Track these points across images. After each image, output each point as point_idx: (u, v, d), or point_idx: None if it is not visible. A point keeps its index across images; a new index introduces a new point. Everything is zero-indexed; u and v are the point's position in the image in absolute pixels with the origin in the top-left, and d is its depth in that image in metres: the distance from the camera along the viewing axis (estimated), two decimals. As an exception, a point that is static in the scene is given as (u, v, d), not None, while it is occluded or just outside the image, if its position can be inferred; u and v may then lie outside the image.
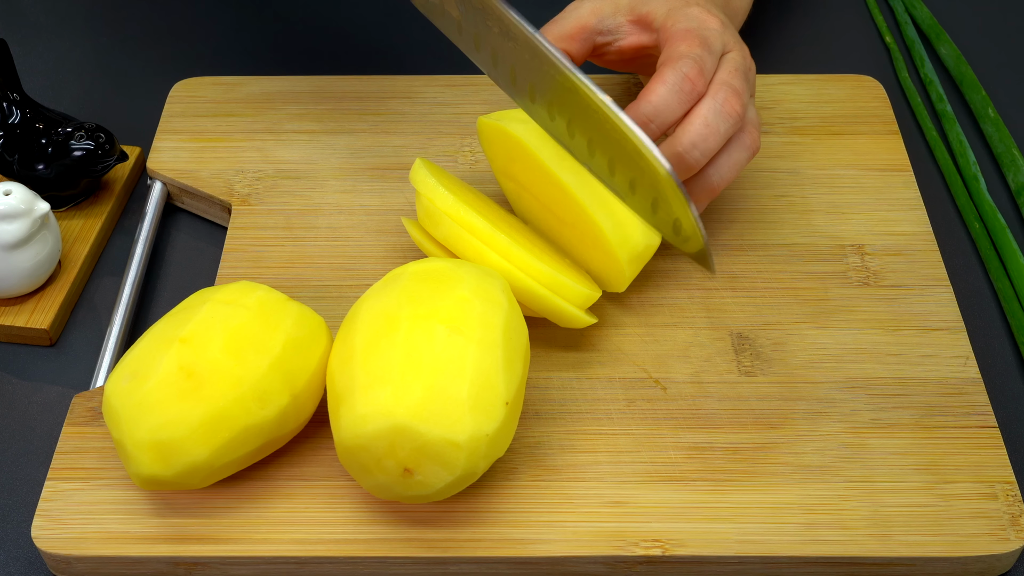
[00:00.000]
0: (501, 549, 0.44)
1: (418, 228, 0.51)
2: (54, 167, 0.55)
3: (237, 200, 0.57)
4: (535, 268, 0.47)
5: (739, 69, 0.50)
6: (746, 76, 0.50)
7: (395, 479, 0.42)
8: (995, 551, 0.44)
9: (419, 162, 0.50)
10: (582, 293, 0.48)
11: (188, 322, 0.43)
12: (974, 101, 0.64)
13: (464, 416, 0.41)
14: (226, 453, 0.43)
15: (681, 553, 0.44)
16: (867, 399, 0.49)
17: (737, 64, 0.50)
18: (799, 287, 0.53)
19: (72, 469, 0.46)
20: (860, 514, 0.45)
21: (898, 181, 0.58)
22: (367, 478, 0.42)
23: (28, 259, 0.52)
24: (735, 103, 0.48)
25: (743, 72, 0.50)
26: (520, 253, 0.47)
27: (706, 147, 0.48)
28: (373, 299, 0.44)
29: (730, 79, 0.49)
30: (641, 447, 0.47)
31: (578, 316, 0.48)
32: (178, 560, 0.44)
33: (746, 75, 0.50)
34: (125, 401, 0.42)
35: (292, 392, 0.43)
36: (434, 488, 0.42)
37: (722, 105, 0.48)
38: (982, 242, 0.57)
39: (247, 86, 0.62)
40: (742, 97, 0.49)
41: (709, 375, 0.49)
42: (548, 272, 0.47)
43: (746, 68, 0.51)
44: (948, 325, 0.51)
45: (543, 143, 0.50)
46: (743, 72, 0.50)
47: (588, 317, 0.49)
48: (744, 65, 0.50)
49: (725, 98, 0.48)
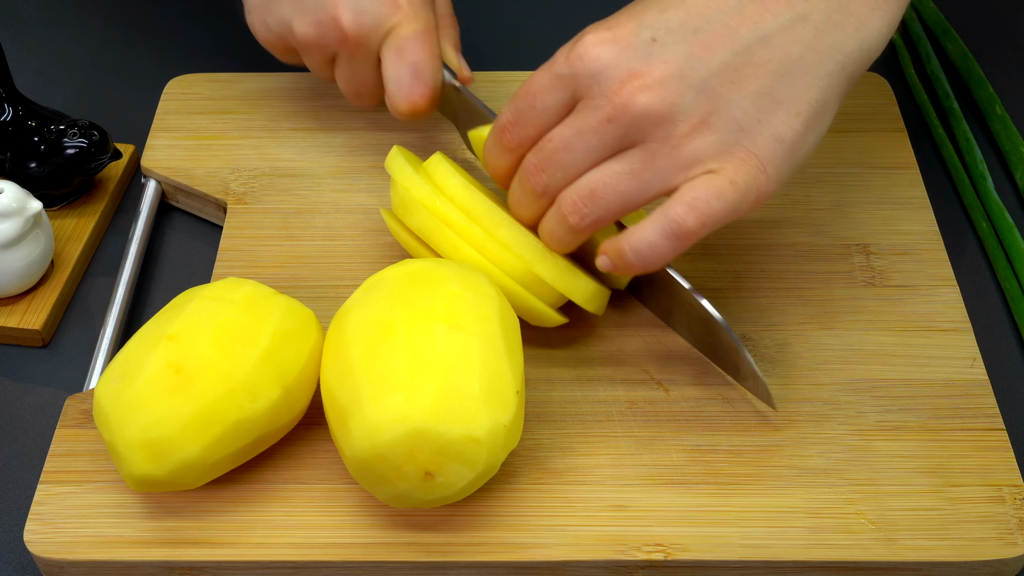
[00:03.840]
0: (501, 553, 0.44)
1: (394, 217, 0.50)
2: (47, 165, 0.55)
3: (232, 199, 0.56)
4: (508, 262, 0.46)
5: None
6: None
7: (416, 485, 0.41)
8: (1003, 555, 0.44)
9: (395, 149, 0.50)
10: (554, 292, 0.47)
11: (175, 320, 0.43)
12: (981, 98, 0.64)
13: (480, 410, 0.41)
14: (218, 449, 0.42)
15: (684, 557, 0.43)
16: (872, 401, 0.48)
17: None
18: (803, 287, 0.52)
19: (65, 472, 0.46)
20: (865, 518, 0.44)
21: (904, 179, 0.57)
22: (386, 488, 0.42)
23: (20, 259, 0.51)
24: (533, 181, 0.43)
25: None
26: (494, 247, 0.46)
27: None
28: (359, 308, 0.44)
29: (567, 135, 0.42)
30: (643, 450, 0.46)
31: (548, 313, 0.48)
32: (173, 565, 0.44)
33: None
34: (114, 402, 0.42)
35: (283, 385, 0.43)
36: (456, 488, 0.42)
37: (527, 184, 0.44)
38: (989, 241, 0.57)
39: (243, 83, 0.62)
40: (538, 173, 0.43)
41: (712, 376, 0.49)
42: (521, 267, 0.46)
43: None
44: (955, 326, 0.51)
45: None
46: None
47: (558, 316, 0.48)
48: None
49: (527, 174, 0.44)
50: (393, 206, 0.50)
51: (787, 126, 0.41)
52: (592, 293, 0.47)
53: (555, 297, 0.48)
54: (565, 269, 0.47)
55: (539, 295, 0.47)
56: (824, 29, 0.41)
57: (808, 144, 0.42)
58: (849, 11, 0.41)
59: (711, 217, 0.41)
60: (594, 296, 0.48)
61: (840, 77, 0.42)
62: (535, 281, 0.47)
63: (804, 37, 0.41)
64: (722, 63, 0.40)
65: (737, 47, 0.41)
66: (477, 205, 0.47)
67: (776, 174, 0.41)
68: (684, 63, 0.40)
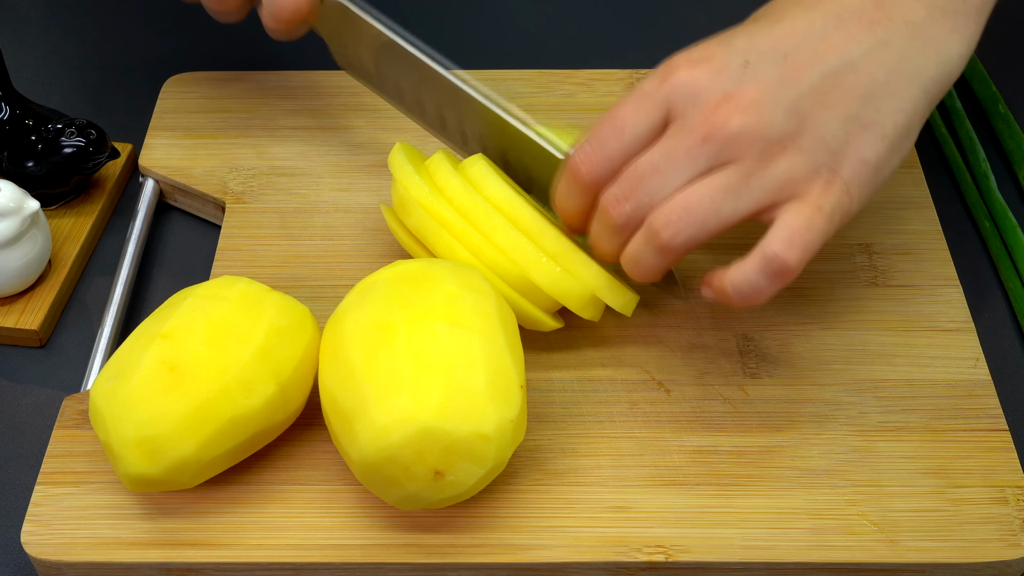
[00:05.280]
0: (501, 555, 0.43)
1: (394, 215, 0.50)
2: (44, 164, 0.55)
3: (231, 198, 0.56)
4: (503, 267, 0.46)
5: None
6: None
7: (426, 485, 0.41)
8: (1006, 557, 0.43)
9: (399, 146, 0.50)
10: (549, 298, 0.47)
11: (169, 318, 0.43)
12: (984, 97, 0.64)
13: (487, 407, 0.41)
14: (214, 446, 0.42)
15: (685, 559, 0.43)
16: (875, 401, 0.48)
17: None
18: (805, 287, 0.52)
19: (62, 473, 0.46)
20: (868, 519, 0.44)
21: (907, 179, 0.57)
22: (395, 491, 0.42)
23: (17, 258, 0.51)
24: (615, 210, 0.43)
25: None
26: (489, 251, 0.46)
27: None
28: (355, 311, 0.43)
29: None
30: (644, 451, 0.46)
31: (542, 318, 0.48)
32: (171, 566, 0.43)
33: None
34: (109, 401, 0.42)
35: (279, 381, 0.43)
36: (466, 486, 0.42)
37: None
38: (992, 241, 0.57)
39: (241, 82, 0.62)
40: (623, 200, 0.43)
41: (713, 377, 0.49)
42: (516, 272, 0.46)
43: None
44: (958, 326, 0.51)
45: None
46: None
47: (552, 321, 0.48)
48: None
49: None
50: (393, 205, 0.50)
51: (873, 149, 0.42)
52: (587, 300, 0.47)
53: (550, 303, 0.48)
54: (560, 275, 0.46)
55: (534, 300, 0.47)
56: (906, 54, 0.42)
57: (891, 167, 0.43)
58: (929, 36, 0.43)
59: (808, 250, 0.42)
60: (589, 303, 0.47)
61: (923, 101, 0.43)
62: (530, 287, 0.47)
63: (888, 62, 0.42)
64: (811, 86, 0.41)
65: (825, 71, 0.42)
66: (475, 207, 0.47)
67: (859, 195, 0.42)
68: (776, 85, 0.41)
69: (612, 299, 0.47)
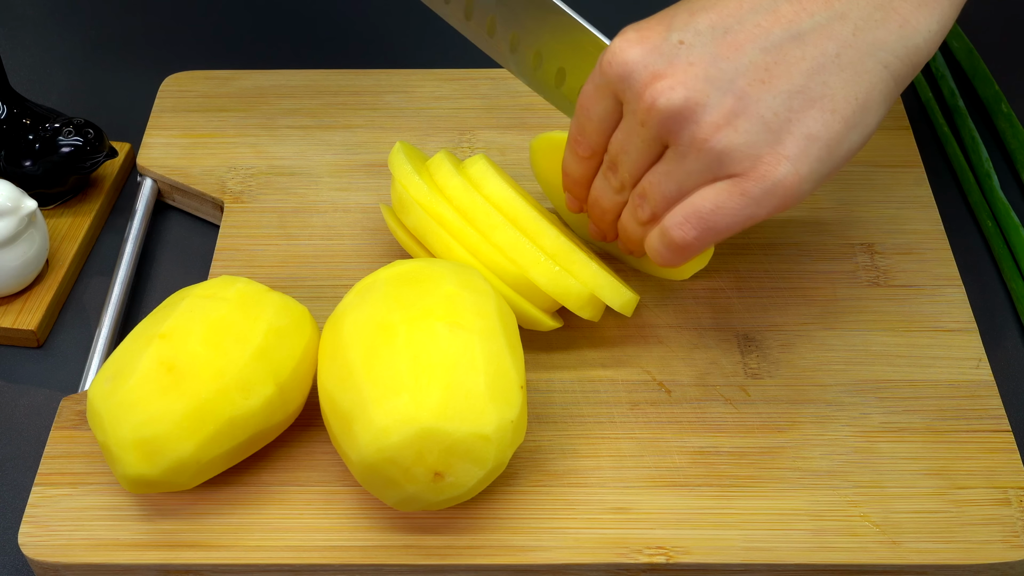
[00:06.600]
0: (501, 556, 0.43)
1: (393, 215, 0.50)
2: (41, 164, 0.55)
3: (229, 197, 0.56)
4: (502, 267, 0.46)
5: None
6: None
7: (425, 486, 0.41)
8: (1008, 558, 0.43)
9: (399, 145, 0.49)
10: (548, 298, 0.47)
11: (167, 319, 0.43)
12: (987, 96, 0.63)
13: (487, 407, 0.41)
14: (212, 447, 0.42)
15: (686, 561, 0.43)
16: (877, 402, 0.48)
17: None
18: (807, 287, 0.52)
19: (60, 474, 0.45)
20: (869, 520, 0.44)
21: (909, 178, 0.57)
22: (394, 492, 0.42)
23: (15, 258, 0.51)
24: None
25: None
26: (488, 250, 0.46)
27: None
28: (353, 312, 0.43)
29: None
30: (645, 452, 0.46)
31: (541, 318, 0.48)
32: (169, 568, 0.43)
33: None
34: (107, 402, 0.42)
35: (277, 382, 0.43)
36: (466, 487, 0.41)
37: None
38: (995, 241, 0.56)
39: (240, 80, 0.62)
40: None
41: (714, 377, 0.49)
42: (515, 272, 0.46)
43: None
44: (960, 326, 0.51)
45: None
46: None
47: (551, 321, 0.48)
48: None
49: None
50: (393, 204, 0.50)
51: (821, 124, 0.40)
52: (586, 300, 0.47)
53: (549, 302, 0.48)
54: (559, 275, 0.46)
55: (533, 300, 0.47)
56: (864, 26, 0.40)
57: (850, 143, 0.41)
58: (892, 8, 0.40)
59: (710, 231, 0.41)
60: (588, 303, 0.47)
61: (883, 75, 0.40)
62: (529, 286, 0.47)
63: (842, 34, 0.40)
64: (750, 62, 0.40)
65: (767, 45, 0.40)
66: (475, 207, 0.47)
67: (810, 173, 0.40)
68: (710, 64, 0.40)
69: (612, 299, 0.47)
